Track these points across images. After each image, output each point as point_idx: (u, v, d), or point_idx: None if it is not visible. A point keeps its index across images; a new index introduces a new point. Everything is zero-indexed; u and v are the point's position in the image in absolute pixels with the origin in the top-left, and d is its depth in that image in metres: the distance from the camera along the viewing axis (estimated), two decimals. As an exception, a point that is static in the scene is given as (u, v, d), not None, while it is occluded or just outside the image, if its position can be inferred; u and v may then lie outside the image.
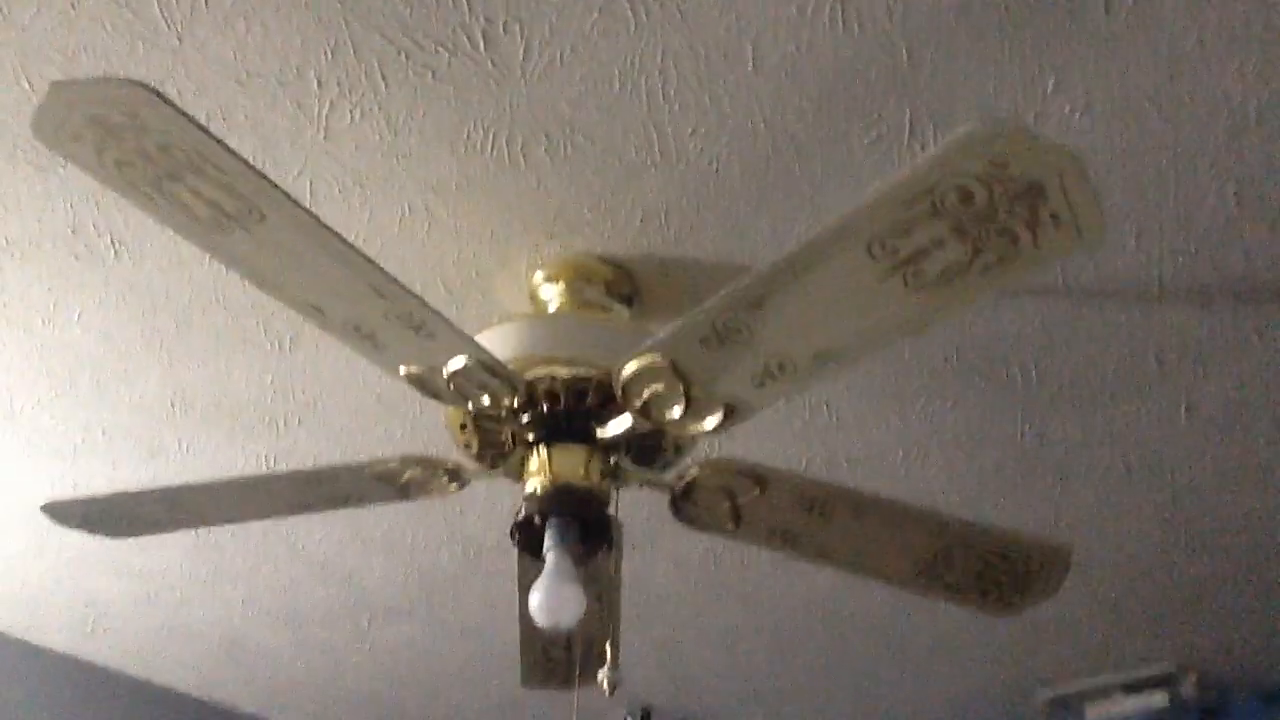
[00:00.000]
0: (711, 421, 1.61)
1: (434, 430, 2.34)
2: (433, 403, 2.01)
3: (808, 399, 2.28)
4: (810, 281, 1.39)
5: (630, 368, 1.57)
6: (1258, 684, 3.43)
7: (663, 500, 1.85)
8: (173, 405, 2.31)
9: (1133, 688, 3.32)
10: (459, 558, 2.80)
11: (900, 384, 2.24)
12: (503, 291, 1.99)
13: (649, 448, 1.81)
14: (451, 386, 1.61)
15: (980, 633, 3.20)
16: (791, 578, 2.92)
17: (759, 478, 1.81)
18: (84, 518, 1.93)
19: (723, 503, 1.83)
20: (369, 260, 1.42)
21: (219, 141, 1.25)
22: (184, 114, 1.22)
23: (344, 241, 1.39)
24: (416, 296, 1.47)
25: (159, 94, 1.19)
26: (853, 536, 1.89)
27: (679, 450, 1.82)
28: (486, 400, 1.64)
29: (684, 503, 1.84)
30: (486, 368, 1.59)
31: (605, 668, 1.74)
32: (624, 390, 1.60)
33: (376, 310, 1.48)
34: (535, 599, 1.64)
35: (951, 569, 1.94)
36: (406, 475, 1.82)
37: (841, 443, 2.39)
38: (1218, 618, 3.06)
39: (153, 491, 1.88)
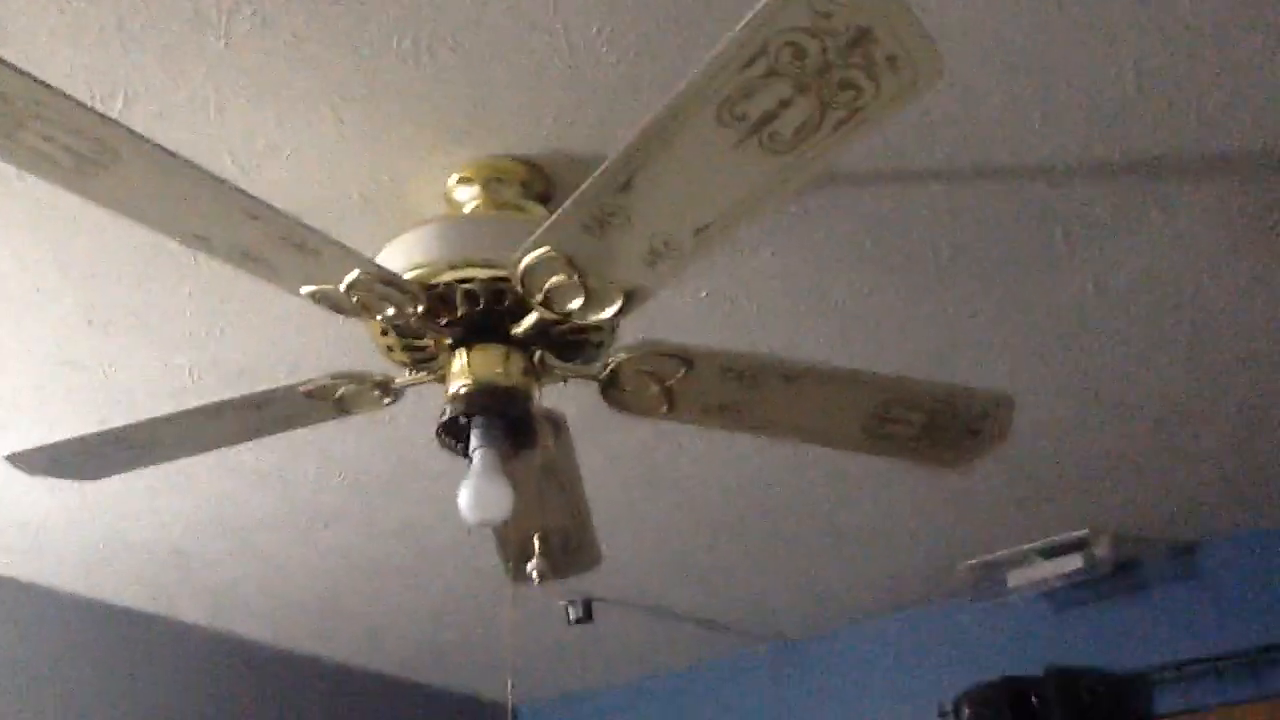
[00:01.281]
0: (612, 307, 1.62)
1: (356, 335, 2.33)
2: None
3: (726, 294, 2.28)
4: (669, 157, 1.37)
5: (524, 262, 1.57)
6: (1168, 541, 3.50)
7: (591, 396, 1.86)
8: (90, 323, 2.29)
9: (1049, 552, 3.41)
10: (392, 461, 2.85)
11: (819, 272, 2.24)
12: (419, 197, 1.99)
13: (572, 343, 1.82)
14: (354, 300, 1.63)
15: (907, 511, 3.26)
16: (723, 466, 2.96)
17: (684, 357, 1.81)
18: (49, 465, 2.00)
19: (651, 386, 1.84)
20: (234, 187, 1.43)
21: (50, 86, 1.26)
22: (7, 62, 1.22)
23: (204, 171, 1.40)
24: (290, 217, 1.48)
25: (-24, 47, 1.20)
26: (790, 404, 1.90)
27: (600, 342, 1.83)
28: (391, 311, 1.66)
29: (613, 390, 1.85)
30: (381, 279, 1.61)
31: (534, 559, 1.78)
32: (524, 285, 1.61)
33: (256, 234, 1.49)
34: (464, 497, 1.68)
35: (896, 423, 1.95)
36: (340, 391, 1.86)
37: (764, 336, 2.41)
38: (1129, 481, 3.12)
39: (109, 432, 1.94)
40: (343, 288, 1.60)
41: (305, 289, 1.62)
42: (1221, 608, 3.43)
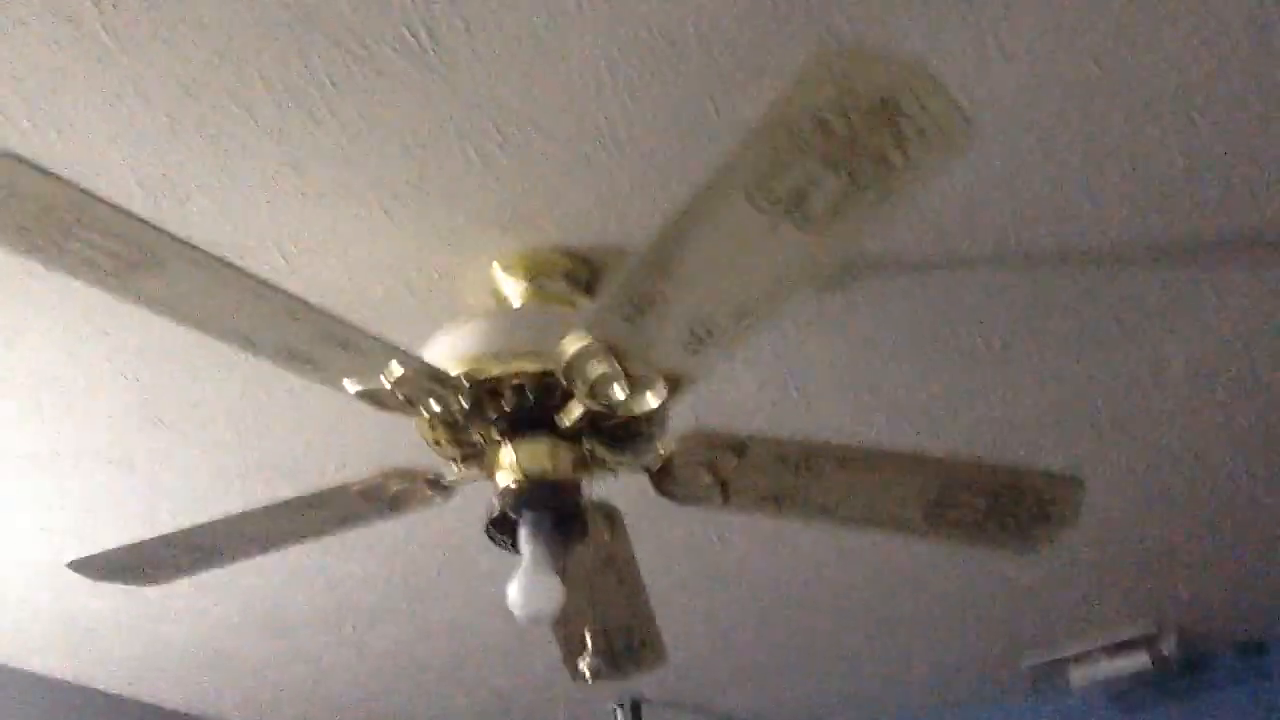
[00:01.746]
0: (657, 395, 1.59)
1: (405, 431, 2.33)
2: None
3: (776, 384, 2.25)
4: (704, 241, 1.36)
5: (567, 354, 1.56)
6: (1236, 638, 3.36)
7: (636, 490, 1.83)
8: (141, 420, 2.31)
9: (1115, 649, 3.29)
10: (439, 557, 2.82)
11: (868, 361, 2.21)
12: (467, 289, 2.00)
13: (624, 434, 1.80)
14: (399, 396, 1.63)
15: (963, 604, 3.15)
16: (772, 558, 2.89)
17: (736, 445, 1.78)
18: (111, 570, 2.01)
19: (704, 475, 1.80)
20: (276, 287, 1.44)
21: (92, 195, 1.29)
22: (51, 173, 1.26)
23: (245, 272, 1.42)
24: (332, 315, 1.49)
25: (21, 158, 1.24)
26: (848, 490, 1.85)
27: (652, 433, 1.80)
28: (436, 406, 1.66)
29: (666, 481, 1.82)
30: (425, 374, 1.61)
31: (586, 655, 1.73)
32: (568, 376, 1.60)
33: (299, 333, 1.51)
34: (513, 592, 1.64)
35: (958, 508, 1.88)
36: (392, 489, 1.85)
37: (815, 425, 2.37)
38: (1195, 575, 3.00)
39: (168, 537, 1.95)
40: (387, 384, 1.60)
41: (350, 386, 1.62)
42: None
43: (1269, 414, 2.36)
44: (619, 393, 1.59)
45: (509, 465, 1.73)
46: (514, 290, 1.94)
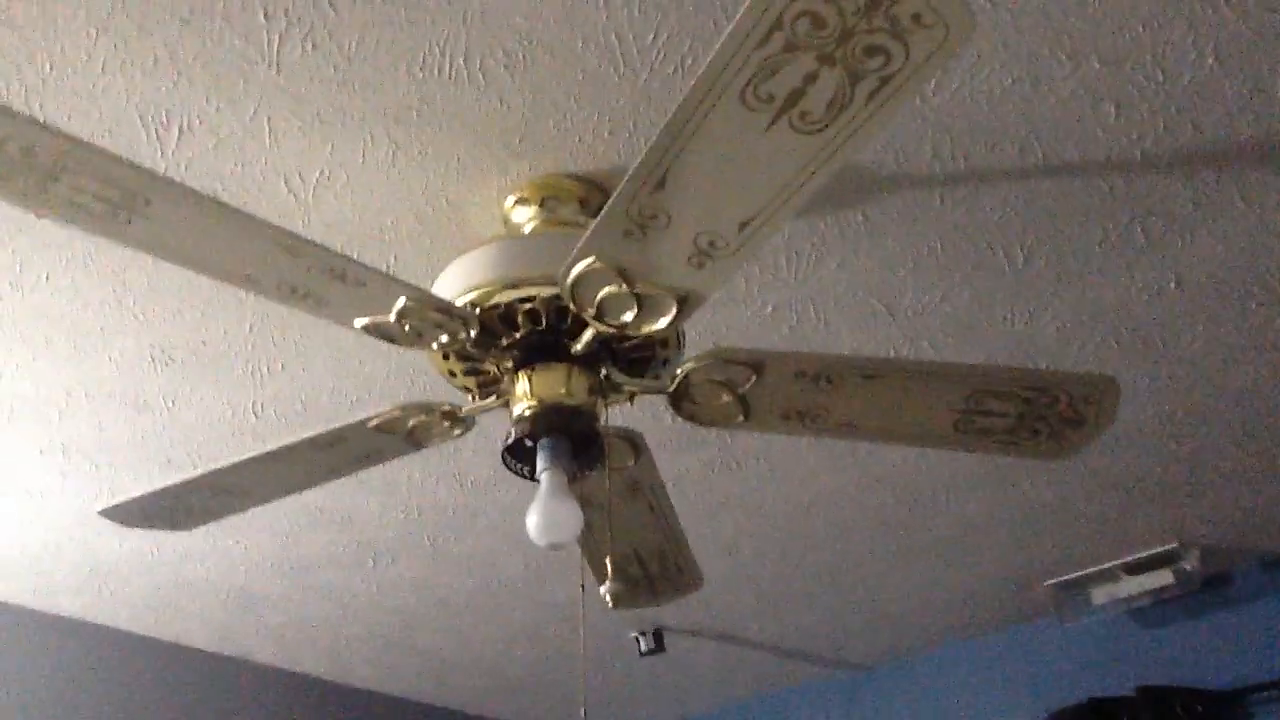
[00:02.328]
0: (666, 315, 1.56)
1: (419, 365, 2.32)
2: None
3: (793, 306, 2.20)
4: (699, 149, 1.31)
5: (571, 276, 1.53)
6: (1259, 553, 3.26)
7: (655, 416, 1.80)
8: (152, 360, 2.30)
9: (1136, 567, 3.22)
10: (456, 491, 2.80)
11: (886, 278, 2.15)
12: (477, 219, 1.96)
13: (639, 359, 1.76)
14: (406, 329, 1.60)
15: (983, 529, 3.09)
16: (791, 484, 2.84)
17: (754, 362, 1.73)
18: (142, 516, 2.03)
19: (723, 395, 1.77)
20: (270, 224, 1.42)
21: (75, 138, 1.27)
22: (32, 118, 1.24)
23: (238, 211, 1.39)
24: (330, 249, 1.46)
25: (0, 105, 1.22)
26: (873, 403, 1.80)
27: (667, 356, 1.76)
28: (445, 338, 1.63)
29: (684, 402, 1.78)
30: (431, 306, 1.58)
31: (607, 582, 1.72)
32: (575, 301, 1.56)
33: (298, 269, 1.48)
34: (532, 520, 1.63)
35: (989, 415, 1.83)
36: (410, 423, 1.84)
37: (834, 346, 2.31)
38: (1217, 490, 2.91)
39: (193, 481, 1.96)
40: (392, 317, 1.58)
41: (358, 321, 1.60)
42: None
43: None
44: (628, 313, 1.56)
45: (524, 393, 1.71)
46: (525, 217, 1.90)
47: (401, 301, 1.56)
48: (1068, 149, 1.87)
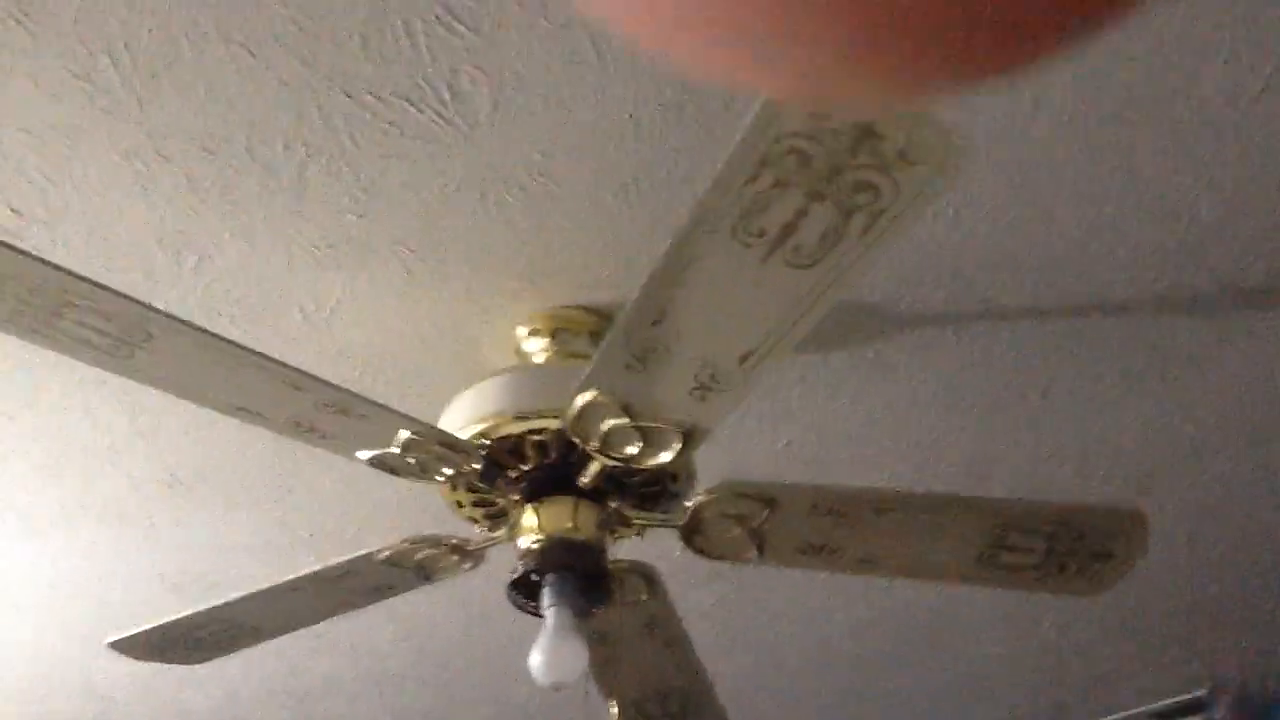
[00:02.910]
0: (673, 448, 1.53)
1: (427, 491, 2.28)
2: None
3: (807, 441, 2.17)
4: (695, 284, 1.30)
5: (574, 409, 1.51)
6: None
7: (666, 552, 1.77)
8: (160, 483, 2.28)
9: (1164, 715, 3.09)
10: (462, 621, 2.75)
11: (902, 416, 2.12)
12: (488, 346, 1.96)
13: (648, 492, 1.74)
14: (410, 462, 1.59)
15: (1003, 666, 2.99)
16: (804, 623, 2.77)
17: (765, 497, 1.70)
18: (151, 649, 2.01)
19: (735, 529, 1.73)
20: (272, 360, 1.42)
21: (78, 276, 1.29)
22: (36, 256, 1.26)
23: (239, 347, 1.40)
24: (330, 384, 1.46)
25: (3, 243, 1.24)
26: (893, 537, 1.75)
27: (678, 491, 1.73)
28: (450, 470, 1.62)
29: (696, 536, 1.75)
30: (435, 439, 1.57)
31: None
32: (579, 434, 1.55)
33: (301, 404, 1.48)
34: (534, 658, 1.59)
35: (1013, 550, 1.76)
36: (418, 556, 1.81)
37: (846, 480, 2.26)
38: (1246, 631, 2.82)
39: (205, 613, 1.94)
40: (396, 451, 1.57)
41: (361, 454, 1.59)
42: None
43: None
44: (632, 446, 1.53)
45: (530, 526, 1.68)
46: (537, 348, 1.90)
47: (404, 435, 1.55)
48: (1080, 287, 1.85)
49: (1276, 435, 2.18)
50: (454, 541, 1.79)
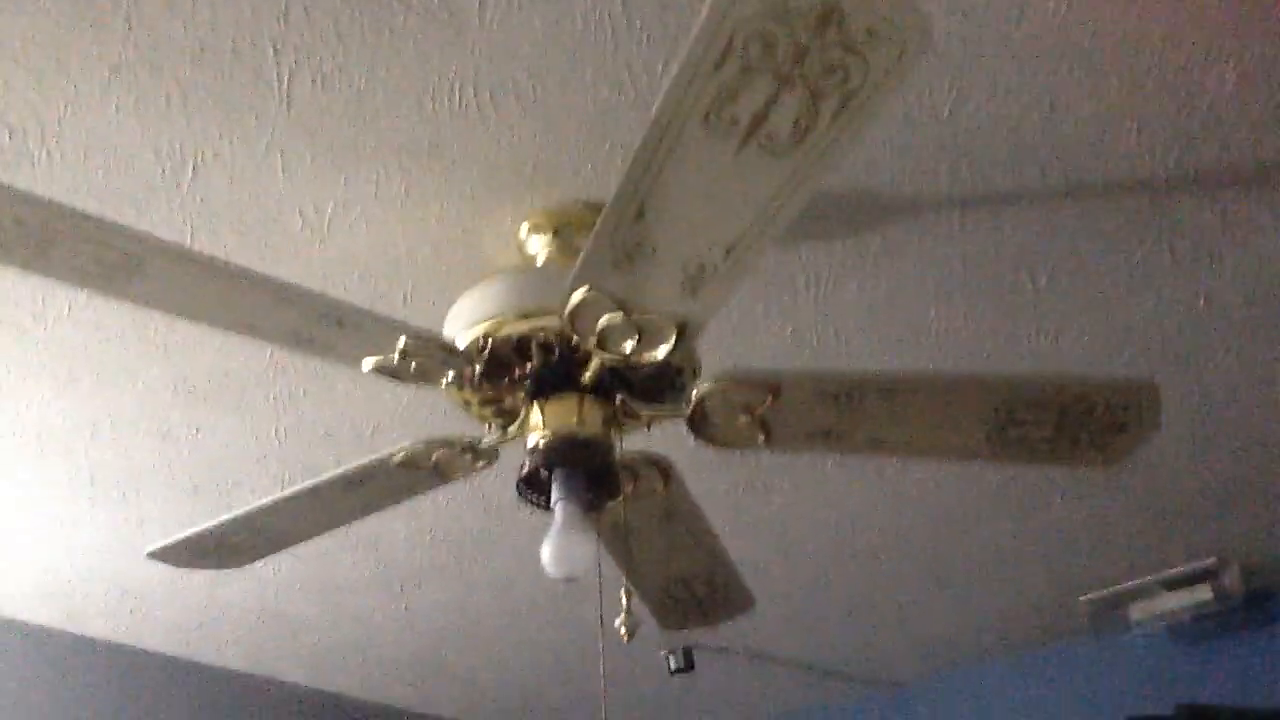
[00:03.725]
0: (667, 342, 1.53)
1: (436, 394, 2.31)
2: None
3: (814, 328, 2.16)
4: (671, 177, 1.28)
5: (568, 308, 1.51)
6: None
7: (678, 441, 1.78)
8: (175, 390, 2.31)
9: (1174, 584, 3.09)
10: (481, 516, 2.79)
11: (909, 303, 2.10)
12: (491, 247, 1.95)
13: (654, 386, 1.74)
14: (412, 369, 1.61)
15: (1015, 546, 2.99)
16: (819, 505, 2.78)
17: (769, 384, 1.69)
18: (189, 556, 2.08)
19: (742, 417, 1.73)
20: (263, 276, 1.44)
21: (65, 207, 1.30)
22: (14, 189, 1.28)
23: (229, 266, 1.42)
24: (324, 296, 1.48)
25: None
26: (899, 419, 1.74)
27: (682, 383, 1.73)
28: (451, 374, 1.63)
29: (703, 426, 1.75)
30: (431, 345, 1.58)
31: (622, 614, 1.70)
32: (577, 332, 1.55)
33: (298, 317, 1.50)
34: (546, 552, 1.62)
35: (1024, 425, 1.75)
36: (434, 456, 1.84)
37: (854, 366, 2.26)
38: (1255, 507, 2.79)
39: (234, 520, 2.00)
40: (396, 359, 1.58)
41: (365, 364, 1.61)
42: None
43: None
44: (629, 341, 1.54)
45: (536, 424, 1.70)
46: (539, 247, 1.89)
47: (402, 342, 1.56)
48: (1089, 170, 1.81)
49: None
50: (467, 441, 1.82)
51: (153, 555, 2.07)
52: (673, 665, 3.59)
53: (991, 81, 1.66)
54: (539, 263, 1.88)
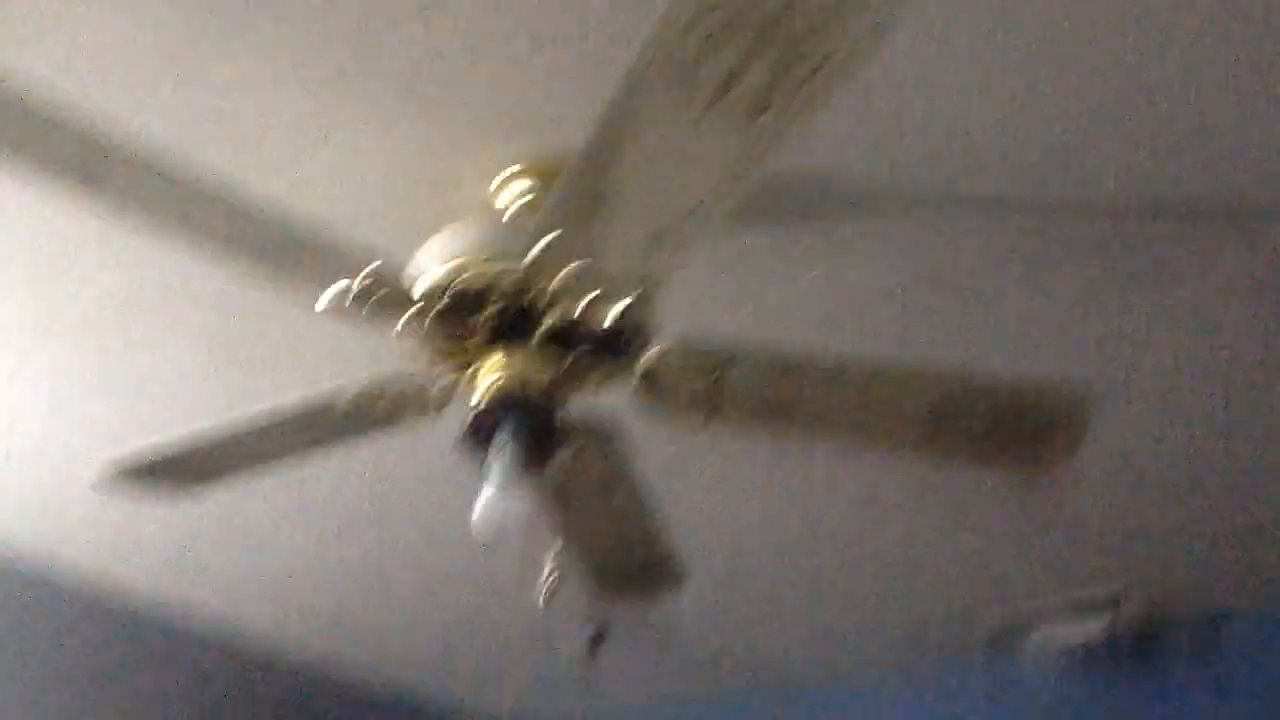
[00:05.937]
0: (626, 299, 1.56)
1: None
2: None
3: (773, 308, 2.19)
4: (638, 138, 1.32)
5: (529, 258, 1.54)
6: (1200, 608, 3.23)
7: (628, 410, 1.80)
8: (127, 301, 2.27)
9: (1072, 617, 3.20)
10: (413, 468, 2.79)
11: (867, 295, 2.14)
12: (468, 192, 1.94)
13: (608, 348, 1.74)
14: (365, 309, 1.62)
15: (932, 553, 3.05)
16: (741, 498, 2.82)
17: (719, 355, 1.73)
18: (128, 476, 2.07)
19: (688, 387, 1.76)
20: (225, 196, 1.45)
21: (33, 111, 1.32)
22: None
23: (191, 182, 1.43)
24: (290, 223, 1.49)
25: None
26: (843, 404, 1.78)
27: (633, 342, 1.74)
28: (406, 316, 1.65)
29: (650, 393, 1.78)
30: (385, 283, 1.60)
31: (545, 578, 1.71)
32: (532, 282, 1.57)
33: (261, 240, 1.51)
34: (476, 510, 1.61)
35: (960, 421, 1.79)
36: (384, 396, 1.84)
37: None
38: (1156, 546, 2.91)
39: (174, 444, 2.00)
40: (350, 297, 1.60)
41: (320, 302, 1.62)
42: (1247, 685, 3.13)
43: (1249, 398, 2.31)
44: (587, 295, 1.56)
45: (484, 374, 1.71)
46: (515, 194, 1.90)
47: (359, 279, 1.58)
48: (1052, 181, 1.85)
49: (1198, 375, 2.24)
50: (418, 383, 1.83)
51: (96, 486, 2.07)
52: (584, 637, 3.57)
53: (962, 85, 1.69)
54: (507, 216, 1.90)
